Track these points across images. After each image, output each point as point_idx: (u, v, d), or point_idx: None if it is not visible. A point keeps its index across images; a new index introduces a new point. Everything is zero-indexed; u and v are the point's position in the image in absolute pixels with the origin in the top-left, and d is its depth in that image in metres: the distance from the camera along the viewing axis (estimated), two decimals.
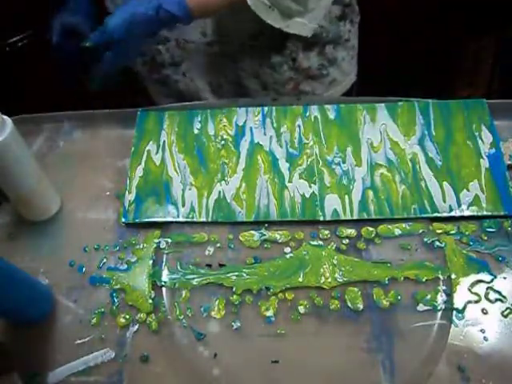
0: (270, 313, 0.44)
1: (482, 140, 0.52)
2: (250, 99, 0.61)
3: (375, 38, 0.72)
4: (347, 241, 0.48)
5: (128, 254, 0.49)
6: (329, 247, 0.47)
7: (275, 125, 0.56)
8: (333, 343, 0.42)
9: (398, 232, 0.48)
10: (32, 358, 0.43)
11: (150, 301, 0.45)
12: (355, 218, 0.48)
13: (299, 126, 0.55)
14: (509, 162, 0.51)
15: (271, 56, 0.63)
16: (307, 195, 0.50)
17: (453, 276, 0.45)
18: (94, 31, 0.50)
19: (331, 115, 0.56)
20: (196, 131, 0.56)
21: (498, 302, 0.43)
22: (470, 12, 1.04)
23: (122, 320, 0.44)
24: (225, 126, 0.56)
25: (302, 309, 0.44)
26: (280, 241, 0.48)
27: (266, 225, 0.49)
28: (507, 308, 0.43)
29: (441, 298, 0.43)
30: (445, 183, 0.50)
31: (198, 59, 0.64)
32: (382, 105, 0.56)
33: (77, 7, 0.61)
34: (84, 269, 0.48)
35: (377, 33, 0.72)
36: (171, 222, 0.50)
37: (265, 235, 0.48)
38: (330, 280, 0.45)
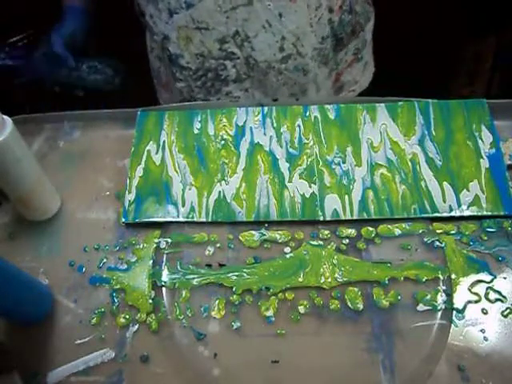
0: (270, 313, 0.44)
1: (481, 140, 0.52)
2: (250, 99, 0.61)
3: (375, 38, 0.72)
4: (347, 241, 0.48)
5: (128, 254, 0.49)
6: (329, 247, 0.47)
7: (275, 125, 0.56)
8: (333, 343, 0.42)
9: (397, 232, 0.48)
10: (32, 358, 0.43)
11: (150, 301, 0.45)
12: (355, 218, 0.48)
13: (299, 126, 0.55)
14: (509, 162, 0.51)
15: (329, 54, 0.64)
16: (307, 195, 0.50)
17: (453, 276, 0.45)
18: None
19: (331, 115, 0.56)
20: (196, 131, 0.56)
21: (498, 302, 0.43)
22: (471, 12, 1.04)
23: (122, 320, 0.44)
24: (225, 125, 0.56)
25: (302, 309, 0.44)
26: (280, 241, 0.48)
27: (266, 225, 0.49)
28: (507, 308, 0.43)
29: (441, 298, 0.43)
30: (445, 183, 0.50)
31: (267, 77, 0.63)
32: (382, 105, 0.56)
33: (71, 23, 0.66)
34: (84, 269, 0.48)
35: (376, 33, 0.72)
36: (171, 222, 0.50)
37: (265, 235, 0.48)
38: (329, 280, 0.45)
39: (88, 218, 0.52)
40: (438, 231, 0.48)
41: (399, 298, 0.44)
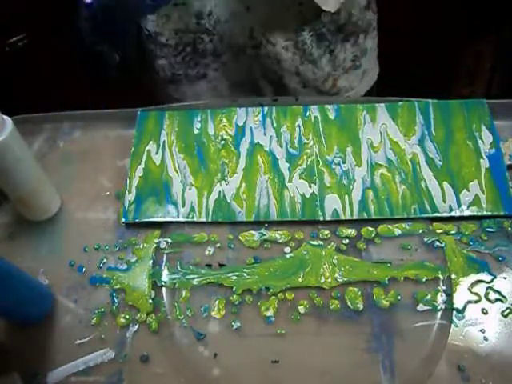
0: (269, 313, 0.44)
1: (482, 140, 0.52)
2: (249, 99, 0.61)
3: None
4: (347, 241, 0.48)
5: (128, 254, 0.49)
6: (329, 247, 0.47)
7: (275, 125, 0.56)
8: (333, 343, 0.42)
9: (398, 232, 0.48)
10: (32, 358, 0.43)
11: (150, 301, 0.45)
12: (355, 218, 0.48)
13: (299, 126, 0.55)
14: (509, 162, 0.51)
15: (312, 50, 0.64)
16: (307, 195, 0.50)
17: (453, 276, 0.45)
18: None
19: (331, 115, 0.56)
20: (196, 131, 0.56)
21: (498, 302, 0.43)
22: (471, 12, 1.04)
23: (122, 320, 0.44)
24: (225, 125, 0.56)
25: (302, 309, 0.44)
26: (280, 241, 0.48)
27: (266, 225, 0.49)
28: (507, 308, 0.43)
29: (441, 298, 0.43)
30: (445, 183, 0.50)
31: (242, 61, 0.65)
32: (382, 105, 0.56)
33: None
34: (84, 269, 0.48)
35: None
36: (171, 222, 0.50)
37: (265, 235, 0.48)
38: (329, 280, 0.45)
39: (88, 218, 0.52)
40: (438, 231, 0.48)
41: (399, 298, 0.44)
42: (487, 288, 0.44)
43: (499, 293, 0.43)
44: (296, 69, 0.65)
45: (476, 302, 0.43)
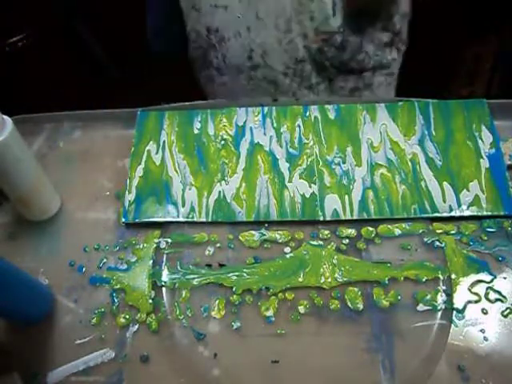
0: (269, 313, 0.44)
1: (482, 140, 0.52)
2: (250, 99, 0.61)
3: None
4: (347, 241, 0.48)
5: (128, 254, 0.49)
6: (329, 247, 0.47)
7: (275, 125, 0.56)
8: (333, 343, 0.42)
9: (398, 232, 0.48)
10: (32, 358, 0.43)
11: (150, 301, 0.45)
12: (355, 218, 0.48)
13: (299, 126, 0.55)
14: (509, 162, 0.51)
15: (311, 77, 0.65)
16: (307, 195, 0.50)
17: (453, 276, 0.45)
18: None
19: (331, 115, 0.56)
20: (196, 131, 0.56)
21: (498, 302, 0.43)
22: (471, 12, 1.04)
23: (122, 320, 0.44)
24: (225, 125, 0.56)
25: (302, 309, 0.44)
26: (280, 241, 0.48)
27: (266, 225, 0.49)
28: (507, 308, 0.43)
29: (441, 298, 0.43)
30: (445, 183, 0.50)
31: (240, 80, 0.67)
32: (382, 105, 0.56)
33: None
34: (84, 269, 0.48)
35: None
36: (171, 222, 0.50)
37: (265, 235, 0.48)
38: (329, 280, 0.45)
39: (88, 217, 0.52)
40: (438, 231, 0.48)
41: (399, 298, 0.44)
42: (487, 288, 0.44)
43: (499, 293, 0.43)
44: (293, 94, 0.67)
45: (476, 302, 0.43)
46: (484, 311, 0.43)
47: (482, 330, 0.41)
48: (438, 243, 0.47)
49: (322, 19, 0.58)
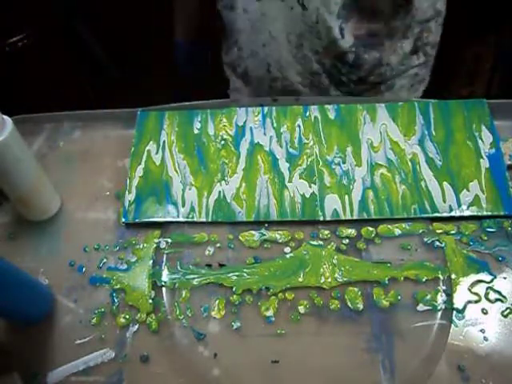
0: (270, 313, 0.44)
1: (482, 140, 0.52)
2: (250, 99, 0.61)
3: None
4: (347, 241, 0.48)
5: (128, 254, 0.49)
6: (329, 247, 0.47)
7: (275, 125, 0.56)
8: (333, 343, 0.42)
9: (397, 232, 0.48)
10: (32, 358, 0.43)
11: (150, 301, 0.45)
12: (355, 218, 0.48)
13: (299, 126, 0.55)
14: (509, 162, 0.51)
15: (330, 90, 0.65)
16: (307, 195, 0.50)
17: (453, 276, 0.45)
18: None
19: (331, 115, 0.56)
20: (196, 131, 0.56)
21: (498, 302, 0.43)
22: (470, 12, 1.03)
23: (122, 320, 0.44)
24: (225, 125, 0.56)
25: (302, 309, 0.44)
26: (280, 241, 0.48)
27: (266, 225, 0.49)
28: (507, 308, 0.43)
29: (441, 298, 0.43)
30: (445, 183, 0.50)
31: (260, 90, 0.68)
32: (382, 105, 0.56)
33: None
34: (84, 269, 0.48)
35: None
36: (171, 222, 0.50)
37: (265, 235, 0.48)
38: (329, 280, 0.45)
39: (88, 217, 0.52)
40: (438, 231, 0.48)
41: (399, 298, 0.44)
42: (487, 288, 0.44)
43: (499, 293, 0.43)
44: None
45: (476, 302, 0.43)
46: (484, 311, 0.43)
47: (482, 330, 0.41)
48: (437, 243, 0.47)
49: (331, 41, 0.58)
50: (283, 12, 0.58)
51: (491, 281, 0.44)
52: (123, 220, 0.50)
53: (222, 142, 0.55)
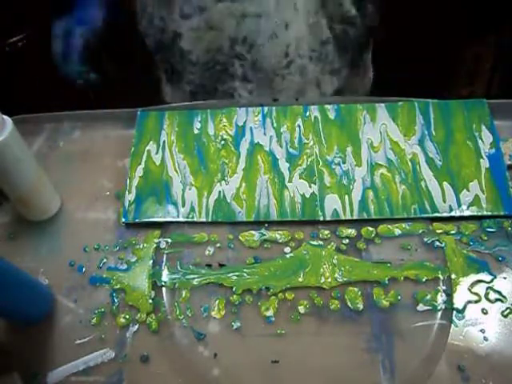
0: (270, 313, 0.44)
1: (481, 140, 0.52)
2: (249, 99, 0.61)
3: (375, 38, 0.72)
4: (347, 241, 0.48)
5: (128, 254, 0.49)
6: (329, 247, 0.47)
7: (275, 125, 0.56)
8: (333, 343, 0.42)
9: (397, 232, 0.48)
10: (32, 358, 0.43)
11: (150, 301, 0.45)
12: (355, 218, 0.48)
13: (299, 126, 0.55)
14: (509, 162, 0.51)
15: (334, 61, 0.66)
16: (307, 195, 0.50)
17: (453, 276, 0.45)
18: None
19: (331, 115, 0.56)
20: (196, 131, 0.56)
21: (498, 302, 0.43)
22: (470, 12, 1.04)
23: (122, 320, 0.44)
24: (225, 125, 0.56)
25: (302, 309, 0.44)
26: (280, 241, 0.48)
27: (266, 225, 0.49)
28: (507, 308, 0.43)
29: (441, 298, 0.43)
30: (445, 183, 0.50)
31: (272, 81, 0.65)
32: (382, 105, 0.56)
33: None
34: (84, 269, 0.48)
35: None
36: (171, 222, 0.50)
37: (265, 235, 0.48)
38: (329, 280, 0.45)
39: (88, 217, 0.52)
40: (438, 231, 0.48)
41: (399, 298, 0.44)
42: (487, 288, 0.44)
43: (499, 293, 0.43)
44: (315, 80, 0.66)
45: (476, 302, 0.43)
46: (484, 311, 0.43)
47: (482, 330, 0.41)
48: (438, 243, 0.47)
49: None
50: None
51: (491, 281, 0.44)
52: (123, 220, 0.50)
53: (222, 142, 0.55)
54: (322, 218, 0.48)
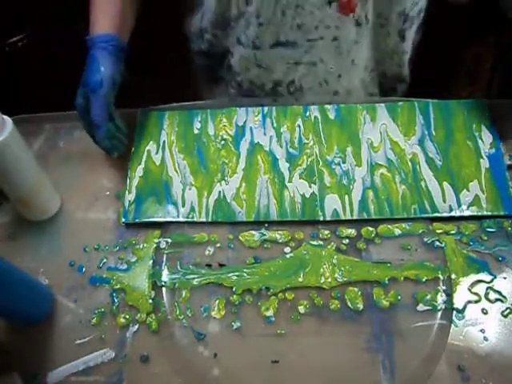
0: (270, 313, 0.44)
1: (481, 140, 0.52)
2: (249, 99, 0.61)
3: None
4: (347, 241, 0.48)
5: (128, 254, 0.49)
6: (329, 247, 0.47)
7: (275, 125, 0.56)
8: (333, 343, 0.42)
9: (398, 232, 0.48)
10: (32, 358, 0.43)
11: (150, 301, 0.45)
12: (355, 218, 0.48)
13: (299, 126, 0.55)
14: (509, 162, 0.51)
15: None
16: (307, 195, 0.50)
17: (453, 276, 0.45)
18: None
19: (331, 115, 0.56)
20: (196, 131, 0.56)
21: (498, 302, 0.43)
22: (470, 12, 1.04)
23: (122, 320, 0.44)
24: (225, 125, 0.56)
25: (302, 309, 0.44)
26: (280, 241, 0.48)
27: (266, 225, 0.49)
28: (507, 308, 0.43)
29: (441, 298, 0.43)
30: (445, 183, 0.50)
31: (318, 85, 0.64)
32: (382, 105, 0.56)
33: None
34: (84, 269, 0.48)
35: None
36: (171, 222, 0.50)
37: (265, 235, 0.48)
38: (329, 280, 0.45)
39: (88, 218, 0.52)
40: (438, 231, 0.48)
41: (399, 298, 0.44)
42: (487, 288, 0.44)
43: (499, 293, 0.43)
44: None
45: (476, 302, 0.43)
46: (484, 311, 0.43)
47: (482, 330, 0.41)
48: (438, 243, 0.47)
49: None
50: None
51: (491, 281, 0.44)
52: (123, 220, 0.50)
53: (222, 142, 0.55)
54: (321, 218, 0.48)
